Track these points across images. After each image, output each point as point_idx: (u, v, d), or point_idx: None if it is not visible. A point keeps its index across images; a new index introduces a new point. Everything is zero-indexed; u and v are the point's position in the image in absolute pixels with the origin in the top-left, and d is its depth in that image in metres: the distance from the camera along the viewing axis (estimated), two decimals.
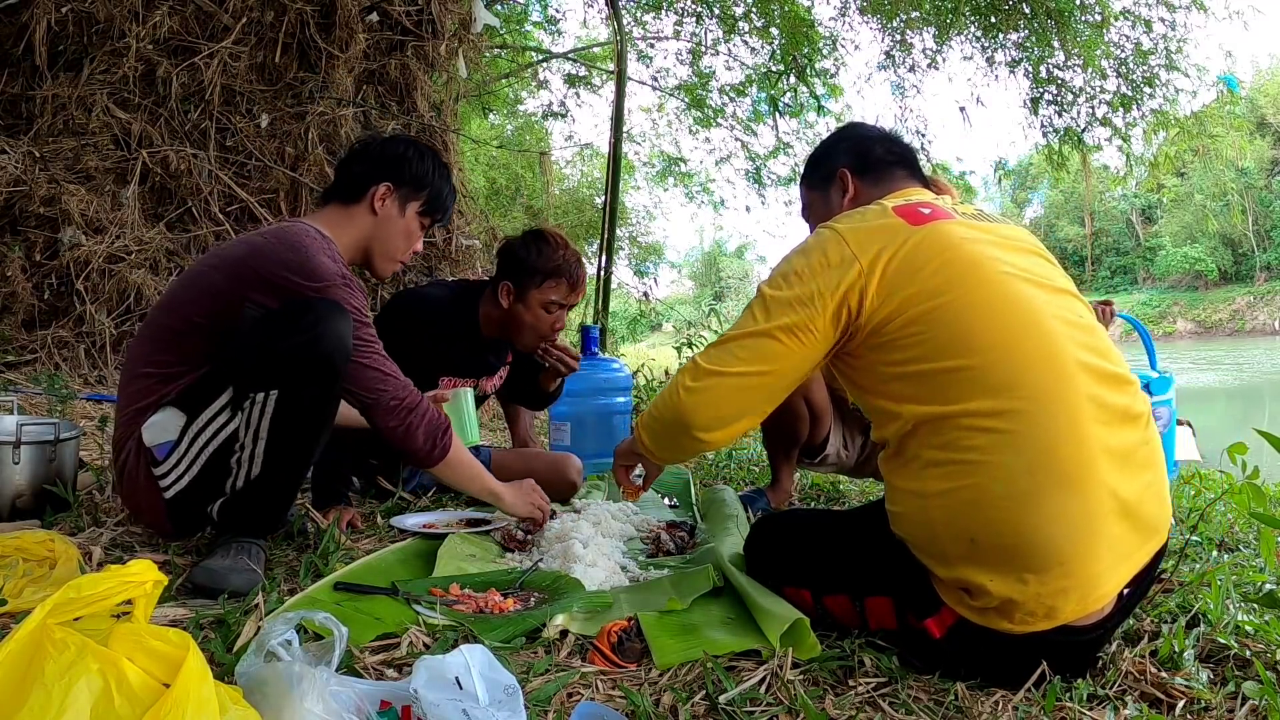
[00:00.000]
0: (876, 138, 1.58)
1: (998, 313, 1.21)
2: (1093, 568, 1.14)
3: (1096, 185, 32.22)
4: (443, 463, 1.75)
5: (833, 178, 1.56)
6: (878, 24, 8.55)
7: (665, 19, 9.90)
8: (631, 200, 13.61)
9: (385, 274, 1.88)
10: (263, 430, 1.51)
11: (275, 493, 1.60)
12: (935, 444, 1.20)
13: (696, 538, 2.04)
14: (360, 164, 1.83)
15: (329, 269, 1.61)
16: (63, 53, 4.33)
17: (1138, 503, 1.18)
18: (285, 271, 1.57)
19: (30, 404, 3.15)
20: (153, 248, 4.21)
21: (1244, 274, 38.63)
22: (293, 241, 1.62)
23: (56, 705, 0.75)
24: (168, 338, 1.62)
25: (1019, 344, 1.19)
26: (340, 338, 1.53)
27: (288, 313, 1.53)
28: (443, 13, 5.10)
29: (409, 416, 1.68)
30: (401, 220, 1.83)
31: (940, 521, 1.19)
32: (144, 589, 0.89)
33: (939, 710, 1.13)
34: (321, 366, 1.51)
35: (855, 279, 1.25)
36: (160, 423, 1.57)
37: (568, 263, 2.33)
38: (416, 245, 1.91)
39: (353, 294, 1.63)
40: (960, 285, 1.22)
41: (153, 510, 1.62)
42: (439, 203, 1.88)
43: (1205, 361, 22.35)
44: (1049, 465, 1.14)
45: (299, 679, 0.87)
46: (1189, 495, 2.71)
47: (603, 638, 1.30)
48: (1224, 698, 1.17)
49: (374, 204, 1.80)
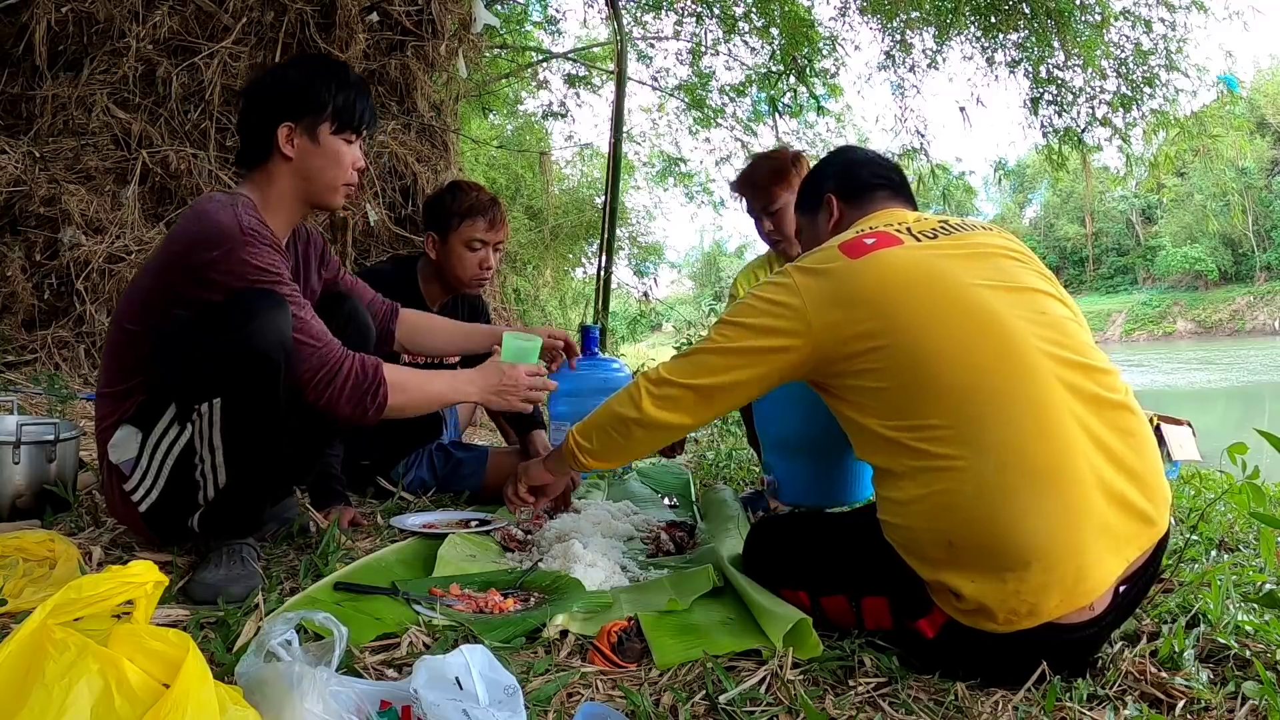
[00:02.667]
0: (863, 161, 1.64)
1: (947, 324, 1.24)
2: (1076, 561, 1.14)
3: (1096, 185, 32.20)
4: (386, 412, 1.61)
5: (820, 203, 1.63)
6: (878, 24, 8.56)
7: (665, 19, 9.93)
8: (631, 200, 13.61)
9: (336, 205, 1.74)
10: (216, 440, 1.49)
11: (249, 495, 1.58)
12: (906, 455, 1.24)
13: (696, 538, 2.04)
14: (251, 115, 1.68)
15: (225, 226, 1.49)
16: (63, 53, 4.32)
17: (1127, 489, 1.18)
18: (190, 248, 1.50)
19: (30, 404, 3.15)
20: (153, 248, 4.21)
21: (1244, 274, 38.66)
22: (194, 212, 1.54)
23: (57, 705, 0.75)
24: (112, 353, 1.61)
25: (972, 350, 1.22)
26: (275, 329, 1.46)
27: (215, 313, 1.47)
28: (443, 13, 5.10)
29: (328, 388, 1.56)
30: (319, 149, 1.67)
31: (920, 527, 1.22)
32: (144, 590, 0.89)
33: (939, 710, 1.13)
34: (259, 364, 1.45)
35: (801, 339, 1.34)
36: (121, 441, 1.57)
37: (481, 202, 2.46)
38: (356, 164, 1.73)
39: (258, 251, 1.51)
40: (905, 306, 1.27)
41: (132, 523, 1.65)
42: (349, 114, 1.69)
43: (1203, 362, 22.35)
44: (1018, 462, 1.15)
45: (299, 679, 0.87)
46: (1189, 495, 2.71)
47: (603, 638, 1.30)
48: (1224, 698, 1.17)
49: (283, 150, 1.65)
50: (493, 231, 2.46)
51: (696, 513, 2.36)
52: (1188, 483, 3.07)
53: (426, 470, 2.48)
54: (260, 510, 1.67)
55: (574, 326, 12.08)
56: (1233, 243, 38.72)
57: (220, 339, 1.45)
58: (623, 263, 13.06)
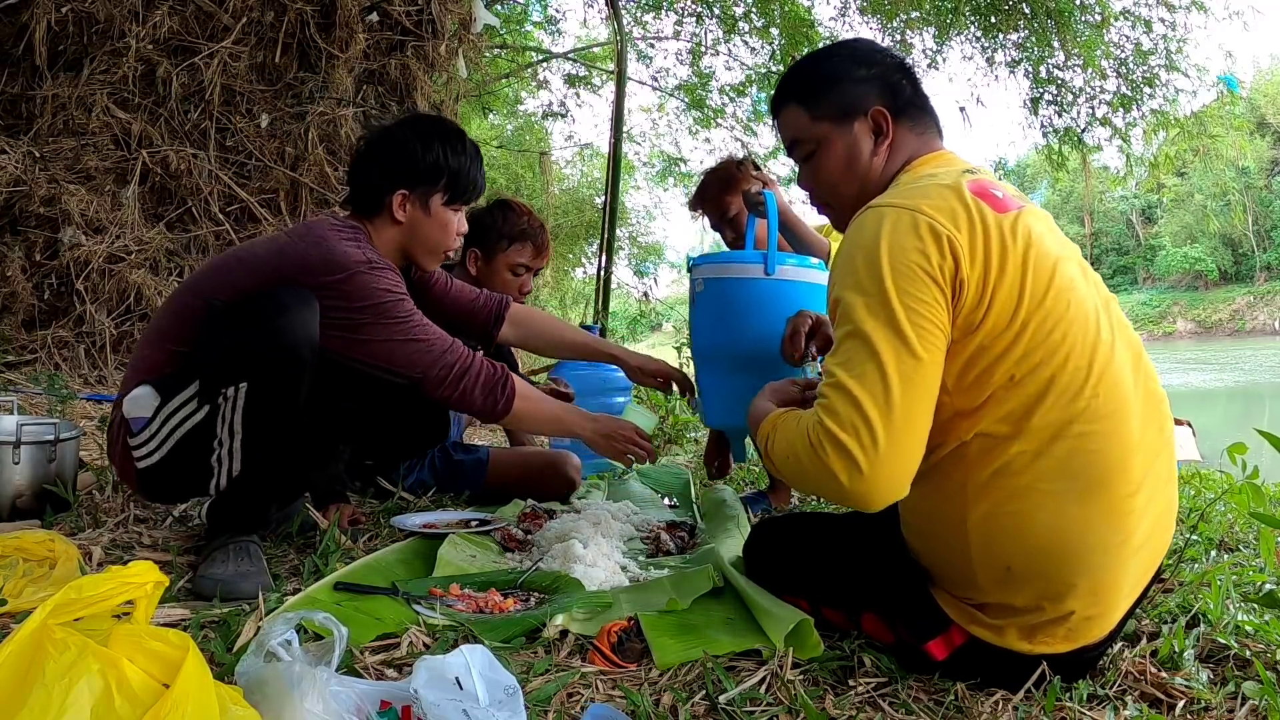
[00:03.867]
0: (897, 67, 1.28)
1: (1075, 326, 1.09)
2: (1121, 591, 1.13)
3: (1096, 185, 32.20)
4: (509, 415, 1.73)
5: (856, 112, 1.25)
6: (878, 24, 8.56)
7: (665, 19, 9.93)
8: (631, 200, 13.61)
9: (432, 267, 1.87)
10: (237, 425, 1.52)
11: (260, 488, 1.61)
12: (987, 462, 1.09)
13: (696, 538, 2.04)
14: (369, 174, 1.77)
15: (351, 255, 1.59)
16: (63, 53, 4.32)
17: (1159, 520, 1.15)
18: (307, 271, 1.57)
19: (30, 404, 3.15)
20: (153, 248, 4.21)
21: (1244, 274, 38.65)
22: (315, 237, 1.61)
23: (57, 705, 0.75)
24: (189, 319, 1.61)
25: (1093, 361, 1.08)
26: (304, 325, 1.51)
27: (251, 304, 1.52)
28: (443, 13, 5.10)
29: (461, 381, 1.67)
30: (429, 219, 1.78)
31: (976, 548, 1.11)
32: (145, 590, 0.89)
33: (939, 710, 1.13)
34: (288, 357, 1.50)
35: (957, 272, 1.07)
36: (138, 397, 1.58)
37: (532, 228, 2.47)
38: (460, 230, 1.84)
39: (380, 275, 1.61)
40: (1047, 290, 1.09)
41: (126, 473, 1.67)
42: (462, 187, 1.79)
43: (1203, 362, 22.34)
44: (1099, 495, 1.07)
45: (299, 679, 0.87)
46: (1189, 495, 2.71)
47: (603, 638, 1.30)
48: (1224, 698, 1.17)
49: (395, 214, 1.75)
50: (539, 259, 2.48)
51: (696, 513, 2.36)
52: (1188, 483, 3.07)
53: (427, 471, 2.48)
54: (269, 507, 1.69)
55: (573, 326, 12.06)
56: (1233, 243, 38.72)
57: (253, 329, 1.49)
58: (623, 263, 13.08)
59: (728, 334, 1.74)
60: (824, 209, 1.36)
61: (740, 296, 1.70)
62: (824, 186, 1.31)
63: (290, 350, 1.50)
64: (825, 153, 1.28)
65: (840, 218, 1.30)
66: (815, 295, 1.71)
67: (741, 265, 1.70)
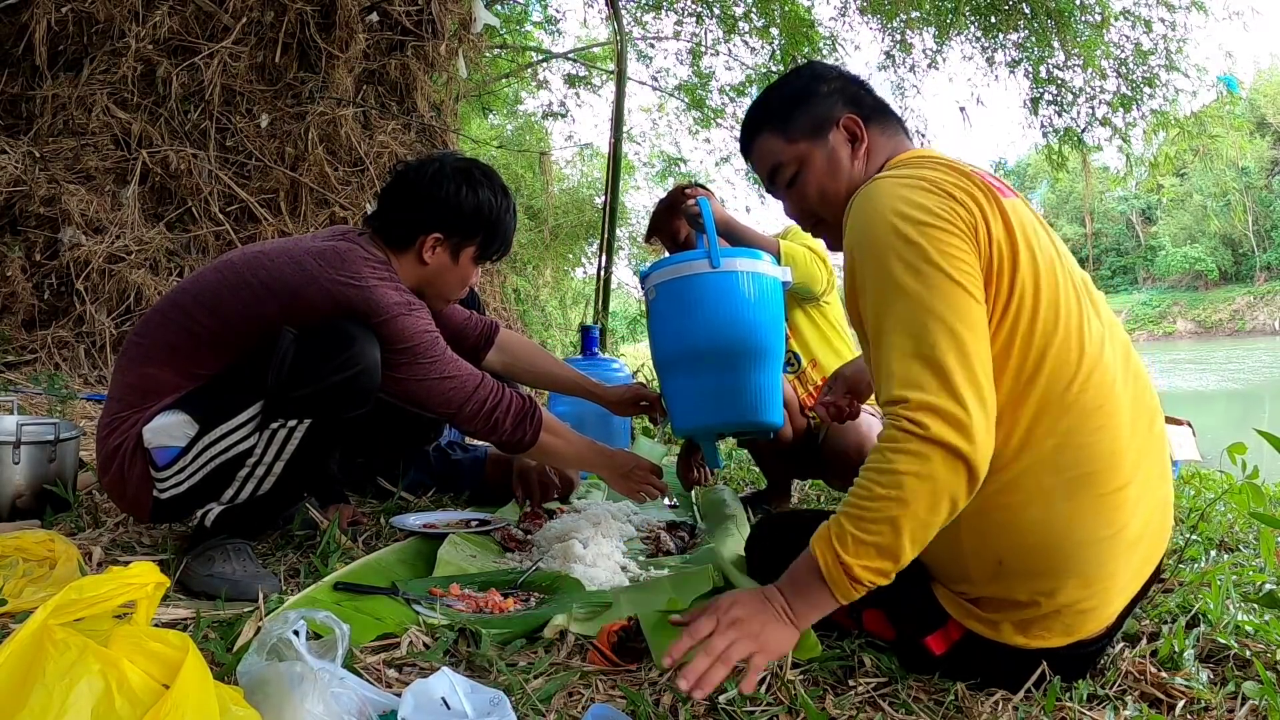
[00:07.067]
0: (853, 80, 1.34)
1: (1062, 320, 1.09)
2: (1115, 585, 1.13)
3: (1096, 185, 32.22)
4: (535, 447, 1.75)
5: (829, 124, 1.27)
6: (878, 24, 8.57)
7: (665, 19, 9.93)
8: (631, 200, 13.62)
9: (436, 309, 1.81)
10: (286, 452, 1.52)
11: (277, 504, 1.61)
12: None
13: (697, 538, 2.04)
14: (405, 209, 1.71)
15: (390, 298, 1.57)
16: (63, 53, 4.33)
17: (1154, 514, 1.15)
18: (346, 307, 1.55)
19: (30, 404, 3.15)
20: (153, 248, 4.21)
21: (1244, 274, 38.66)
22: (350, 272, 1.56)
23: (58, 706, 0.75)
24: (207, 339, 1.55)
25: (1081, 356, 1.08)
26: (376, 368, 1.54)
27: (326, 343, 1.50)
28: (443, 13, 5.11)
29: (494, 415, 1.68)
30: (455, 268, 1.75)
31: (967, 541, 1.13)
32: (145, 591, 0.89)
33: (939, 710, 1.13)
34: (357, 399, 1.53)
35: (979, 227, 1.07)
36: (167, 426, 1.51)
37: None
38: (474, 282, 1.83)
39: (418, 317, 1.61)
40: (1042, 277, 1.09)
41: (137, 503, 1.57)
42: (496, 243, 1.77)
43: (1202, 361, 22.35)
44: (1089, 489, 1.08)
45: (300, 679, 0.87)
46: (1189, 495, 2.71)
47: (603, 638, 1.30)
48: (1224, 698, 1.17)
49: (423, 254, 1.71)
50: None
51: (696, 513, 2.36)
52: (1188, 483, 3.07)
53: (426, 471, 2.48)
54: (277, 517, 1.69)
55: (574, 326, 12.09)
56: (1233, 243, 38.73)
57: (330, 369, 1.48)
58: (623, 263, 13.06)
59: (684, 333, 1.74)
60: (819, 227, 1.35)
61: (690, 293, 1.70)
62: (814, 200, 1.30)
63: (362, 394, 1.52)
64: (808, 169, 1.29)
65: (835, 233, 1.29)
66: (761, 284, 1.72)
67: (688, 264, 1.72)
